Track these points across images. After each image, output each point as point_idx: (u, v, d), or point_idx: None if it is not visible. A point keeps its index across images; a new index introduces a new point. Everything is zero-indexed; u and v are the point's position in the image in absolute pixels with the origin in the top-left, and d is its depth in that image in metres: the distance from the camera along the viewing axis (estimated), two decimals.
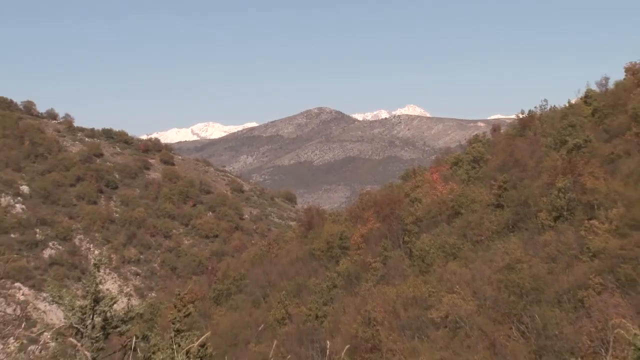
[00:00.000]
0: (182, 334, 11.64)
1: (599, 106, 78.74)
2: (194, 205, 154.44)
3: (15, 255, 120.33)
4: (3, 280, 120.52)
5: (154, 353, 10.15)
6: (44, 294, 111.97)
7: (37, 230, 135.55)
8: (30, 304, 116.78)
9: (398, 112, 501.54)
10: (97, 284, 10.47)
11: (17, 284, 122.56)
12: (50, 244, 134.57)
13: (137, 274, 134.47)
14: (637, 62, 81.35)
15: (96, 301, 10.11)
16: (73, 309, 10.15)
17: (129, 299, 12.04)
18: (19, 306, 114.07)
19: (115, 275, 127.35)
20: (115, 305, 10.37)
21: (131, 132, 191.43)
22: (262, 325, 61.57)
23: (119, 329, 10.23)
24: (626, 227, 55.65)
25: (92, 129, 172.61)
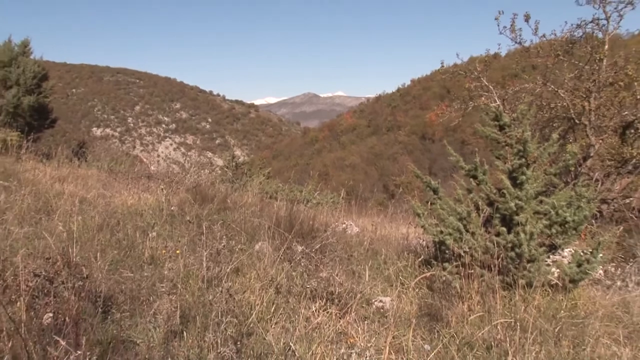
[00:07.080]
0: (262, 169, 10.80)
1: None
2: (265, 126, 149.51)
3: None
4: (246, 154, 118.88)
5: (253, 174, 9.28)
6: (217, 155, 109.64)
7: (214, 134, 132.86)
8: (212, 157, 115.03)
9: (335, 93, 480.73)
10: (233, 152, 9.56)
11: (208, 152, 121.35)
12: (217, 139, 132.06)
13: (246, 149, 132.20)
14: (417, 77, 77.37)
15: (233, 157, 9.15)
16: (226, 160, 9.22)
17: (243, 157, 11.10)
18: (208, 159, 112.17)
19: (238, 149, 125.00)
20: (239, 159, 9.37)
21: (244, 99, 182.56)
22: (288, 167, 60.83)
23: (241, 167, 9.32)
24: (411, 135, 54.66)
25: (230, 99, 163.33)
